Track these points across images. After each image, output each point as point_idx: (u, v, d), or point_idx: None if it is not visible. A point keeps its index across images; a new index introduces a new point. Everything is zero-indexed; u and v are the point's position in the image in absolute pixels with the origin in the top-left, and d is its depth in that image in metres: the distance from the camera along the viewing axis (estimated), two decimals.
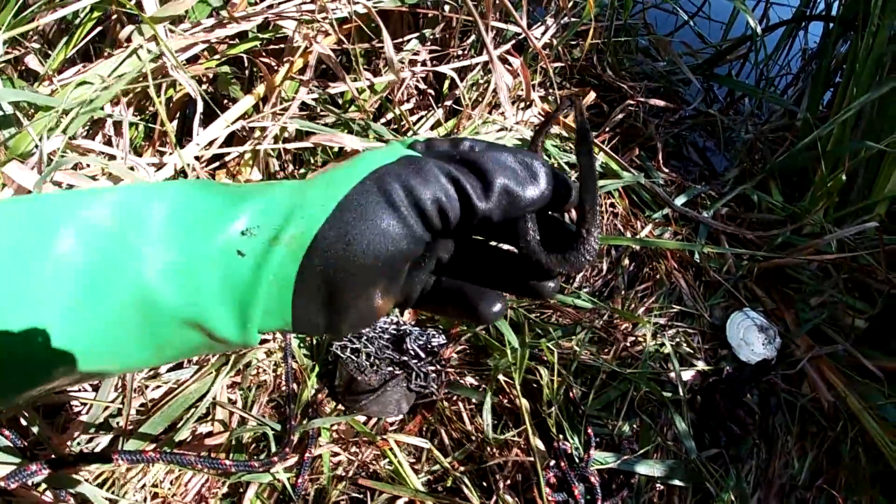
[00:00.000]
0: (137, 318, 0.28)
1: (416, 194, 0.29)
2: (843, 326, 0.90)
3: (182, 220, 0.28)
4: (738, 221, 0.97)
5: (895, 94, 1.00)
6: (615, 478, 0.74)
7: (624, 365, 0.79)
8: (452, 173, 0.30)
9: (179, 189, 0.30)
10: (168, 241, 0.28)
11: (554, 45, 0.96)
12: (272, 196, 0.30)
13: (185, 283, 0.28)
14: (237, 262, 0.28)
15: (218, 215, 0.29)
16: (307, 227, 0.28)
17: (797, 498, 0.79)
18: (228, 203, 0.29)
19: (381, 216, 0.29)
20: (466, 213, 0.30)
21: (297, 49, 0.76)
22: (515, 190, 0.30)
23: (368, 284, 0.30)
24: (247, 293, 0.29)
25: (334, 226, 0.29)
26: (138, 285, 0.27)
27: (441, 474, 0.71)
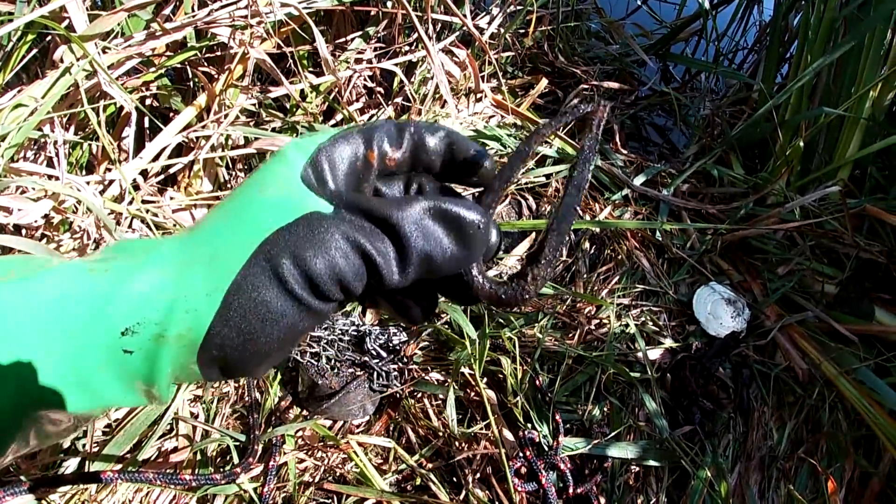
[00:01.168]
0: (31, 419, 0.26)
1: (313, 276, 0.26)
2: (812, 293, 0.89)
3: (57, 332, 0.25)
4: (699, 197, 0.96)
5: (850, 58, 1.00)
6: (588, 463, 0.73)
7: (590, 349, 0.78)
8: (360, 244, 0.26)
9: (50, 299, 0.26)
10: (52, 358, 0.25)
11: (501, 33, 0.96)
12: (149, 281, 0.26)
13: (81, 390, 0.26)
14: (127, 359, 0.26)
15: (94, 318, 0.26)
16: (194, 324, 0.26)
17: (778, 469, 0.77)
18: (97, 299, 0.26)
19: (276, 302, 0.26)
20: (377, 283, 0.27)
21: (234, 56, 0.75)
22: (437, 259, 0.27)
23: (272, 354, 0.28)
24: (147, 382, 0.27)
25: (225, 319, 0.26)
26: (40, 400, 0.25)
27: (409, 473, 0.70)
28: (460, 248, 0.27)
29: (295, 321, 0.26)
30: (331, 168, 0.29)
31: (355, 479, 0.68)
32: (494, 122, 0.95)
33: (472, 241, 0.27)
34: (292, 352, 0.26)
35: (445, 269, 0.27)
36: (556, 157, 0.93)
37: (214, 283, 0.25)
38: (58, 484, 0.63)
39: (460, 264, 0.27)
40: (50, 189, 0.69)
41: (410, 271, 0.27)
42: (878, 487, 0.76)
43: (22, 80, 0.78)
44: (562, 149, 0.94)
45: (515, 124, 0.96)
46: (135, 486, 0.68)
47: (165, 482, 0.63)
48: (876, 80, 0.95)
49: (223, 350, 0.26)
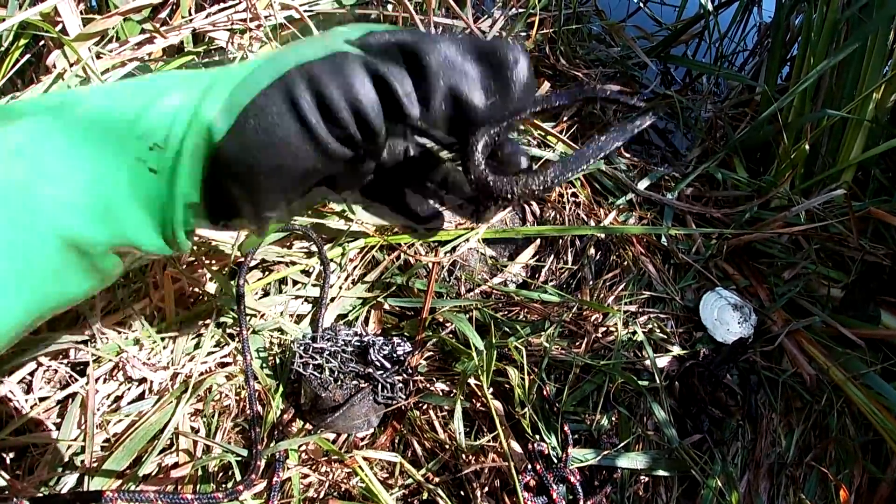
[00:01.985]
0: (75, 261, 0.26)
1: (328, 101, 0.24)
2: (818, 297, 0.88)
3: (90, 140, 0.25)
4: (703, 201, 0.95)
5: (853, 60, 0.99)
6: (597, 474, 0.72)
7: (597, 357, 0.77)
8: (380, 71, 0.24)
9: (92, 103, 0.26)
10: (79, 172, 0.25)
11: (503, 36, 0.94)
12: (171, 97, 0.26)
13: (105, 218, 0.26)
14: (150, 179, 0.26)
15: (122, 132, 0.25)
16: (205, 137, 0.25)
17: (787, 476, 0.77)
18: (132, 112, 0.26)
19: (287, 127, 0.24)
20: (397, 119, 0.25)
21: (233, 60, 0.74)
22: (467, 98, 0.24)
23: (279, 184, 0.27)
24: (166, 207, 0.26)
25: (235, 135, 0.25)
26: (60, 235, 0.25)
27: (416, 487, 0.68)
28: (495, 83, 0.25)
29: (299, 146, 0.25)
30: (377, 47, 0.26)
31: (361, 494, 0.67)
32: None
33: (511, 77, 0.25)
34: (298, 202, 0.29)
35: (478, 110, 0.24)
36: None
37: (233, 101, 0.25)
38: (55, 503, 0.61)
39: (499, 107, 0.25)
40: None
41: (437, 101, 0.24)
42: (887, 492, 0.76)
43: (16, 86, 0.76)
44: (565, 153, 0.93)
45: (518, 128, 0.94)
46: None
47: (166, 502, 0.61)
48: (879, 82, 0.95)
49: (229, 170, 0.25)
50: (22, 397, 0.71)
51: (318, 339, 0.73)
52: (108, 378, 0.75)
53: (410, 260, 0.80)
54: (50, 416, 0.72)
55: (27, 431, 0.70)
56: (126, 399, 0.73)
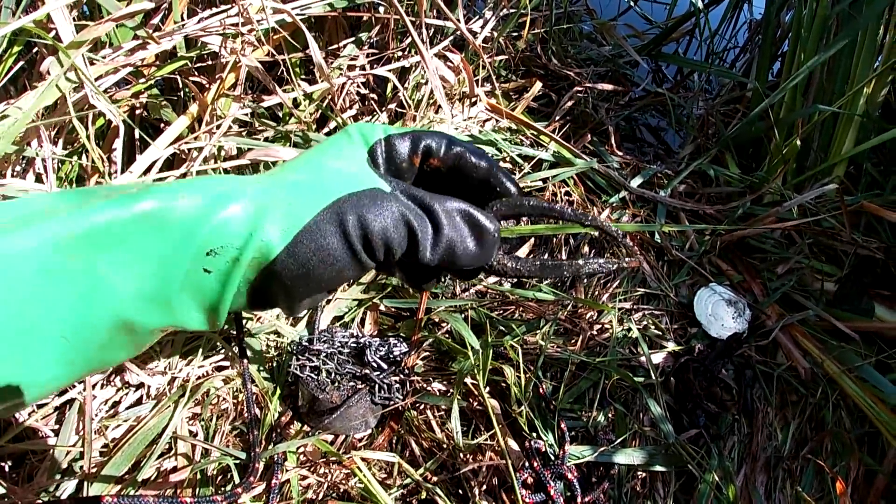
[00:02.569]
0: (122, 339, 0.30)
1: (368, 233, 0.32)
2: (812, 292, 0.89)
3: (153, 238, 0.29)
4: (696, 197, 0.96)
5: (843, 55, 1.00)
6: (594, 470, 0.72)
7: (592, 354, 0.77)
8: (409, 219, 0.32)
9: (157, 201, 0.30)
10: (140, 264, 0.29)
11: (495, 37, 0.95)
12: (234, 213, 0.31)
13: (160, 307, 0.30)
14: (205, 278, 0.31)
15: (188, 232, 0.30)
16: (266, 252, 0.31)
17: (784, 469, 0.77)
18: (199, 216, 0.30)
19: (336, 248, 0.32)
20: (411, 256, 0.33)
21: (225, 65, 0.74)
22: (458, 250, 0.34)
23: (318, 291, 0.34)
24: (215, 301, 0.32)
25: (292, 254, 0.31)
26: (117, 315, 0.29)
27: (414, 487, 0.69)
28: (477, 247, 0.35)
29: (344, 266, 0.32)
30: (385, 159, 0.36)
31: (360, 494, 0.67)
32: (489, 126, 0.94)
33: (487, 245, 0.35)
34: (326, 297, 0.39)
35: (463, 261, 0.35)
36: (553, 160, 0.92)
37: (290, 223, 0.31)
38: None
39: (474, 261, 0.35)
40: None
41: (439, 252, 0.33)
42: (883, 484, 0.76)
43: (10, 94, 0.76)
44: (558, 152, 0.93)
45: (510, 128, 0.95)
46: None
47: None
48: (870, 76, 0.95)
49: (282, 279, 0.32)
50: None
51: (314, 341, 0.73)
52: (105, 384, 0.75)
53: None
54: (48, 423, 0.72)
55: (25, 438, 0.71)
56: (124, 404, 0.74)
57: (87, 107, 0.71)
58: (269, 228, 0.31)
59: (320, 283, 0.33)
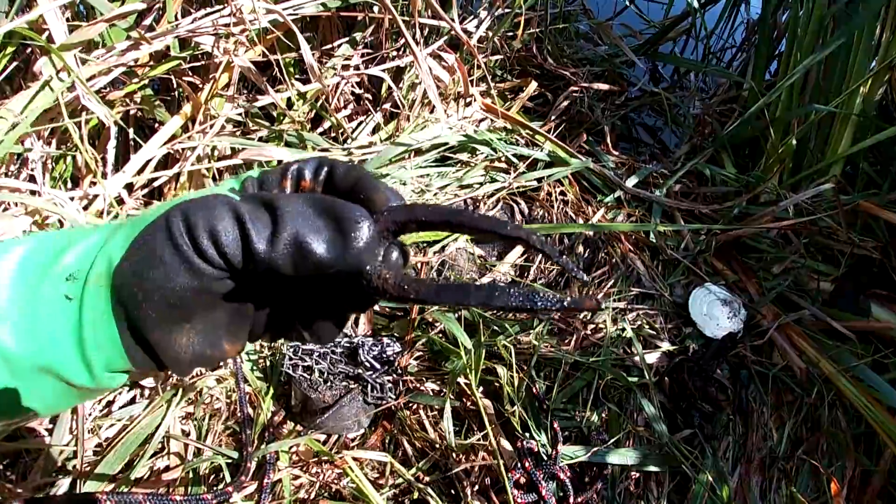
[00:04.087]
0: (4, 374, 0.29)
1: (193, 228, 0.29)
2: (808, 291, 0.88)
3: (22, 272, 0.30)
4: (692, 197, 0.95)
5: (839, 55, 0.99)
6: (588, 471, 0.72)
7: (586, 354, 0.77)
8: (239, 211, 0.29)
9: (26, 244, 0.31)
10: (11, 297, 0.29)
11: (490, 37, 0.95)
12: (91, 238, 0.31)
13: (30, 333, 0.29)
14: (68, 306, 0.29)
15: (48, 265, 0.30)
16: (107, 265, 0.30)
17: (779, 469, 0.77)
18: (58, 250, 0.30)
19: (163, 249, 0.29)
20: (247, 254, 0.29)
21: (219, 65, 0.74)
22: (308, 244, 0.29)
23: (170, 321, 0.31)
24: (79, 334, 0.30)
25: (128, 260, 0.29)
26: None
27: (406, 487, 0.69)
28: (336, 238, 0.29)
29: (174, 271, 0.29)
30: (257, 189, 0.33)
31: (351, 494, 0.67)
32: (484, 125, 0.94)
33: (351, 238, 0.29)
34: (189, 322, 0.31)
35: (318, 256, 0.29)
36: (548, 160, 0.92)
37: (128, 236, 0.30)
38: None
39: (335, 257, 0.29)
40: (31, 205, 0.68)
41: (280, 245, 0.29)
42: (879, 485, 0.76)
43: (5, 93, 0.76)
44: (553, 152, 0.93)
45: (505, 128, 0.95)
46: None
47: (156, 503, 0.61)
48: (866, 76, 0.95)
49: (122, 296, 0.29)
50: None
51: None
52: None
53: None
54: (42, 423, 0.72)
55: (20, 438, 0.71)
56: (118, 403, 0.74)
57: (81, 107, 0.71)
58: (112, 246, 0.30)
59: (158, 294, 0.29)
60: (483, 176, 0.90)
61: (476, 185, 0.89)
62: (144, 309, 0.30)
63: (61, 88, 0.66)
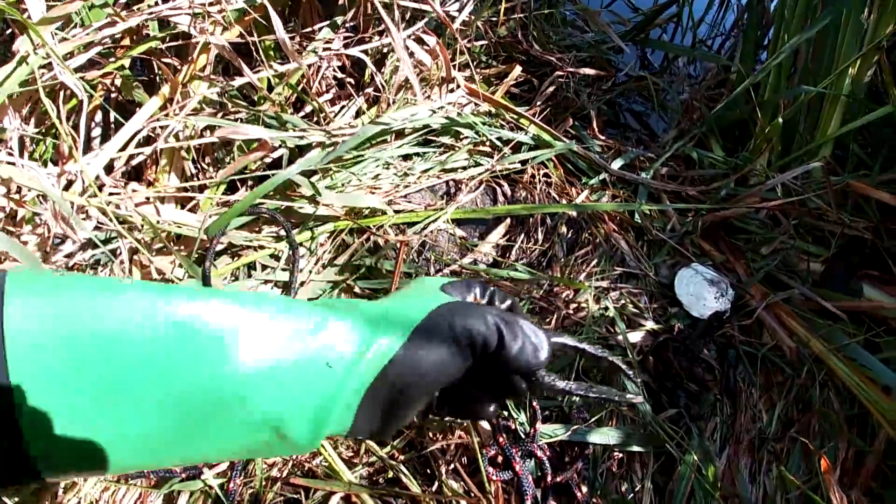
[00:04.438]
0: (219, 419, 0.32)
1: (472, 330, 0.37)
2: (798, 272, 0.87)
3: (277, 330, 0.33)
4: (679, 180, 0.94)
5: (827, 36, 0.98)
6: (568, 450, 0.70)
7: (568, 333, 0.75)
8: (496, 320, 0.39)
9: (279, 301, 0.35)
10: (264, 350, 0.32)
11: (472, 21, 0.94)
12: (358, 312, 0.37)
13: (272, 389, 0.33)
14: (325, 372, 0.34)
15: (309, 330, 0.34)
16: (389, 345, 0.35)
17: (769, 451, 0.74)
18: (319, 314, 0.35)
19: (446, 344, 0.37)
20: (498, 352, 0.39)
21: (196, 46, 0.74)
22: (526, 353, 0.40)
23: (421, 399, 0.38)
24: (326, 406, 0.34)
25: (409, 347, 0.36)
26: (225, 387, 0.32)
27: (382, 466, 0.67)
28: (541, 346, 0.41)
29: (450, 365, 0.37)
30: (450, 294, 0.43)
31: (324, 473, 0.66)
32: (469, 110, 0.93)
33: (545, 348, 0.42)
34: (418, 411, 0.42)
35: (532, 357, 0.40)
36: (532, 143, 0.92)
37: (407, 322, 0.37)
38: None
39: (537, 360, 0.41)
40: (4, 174, 0.67)
41: (514, 350, 0.39)
42: (874, 466, 0.73)
43: None
44: (537, 135, 0.92)
45: (490, 112, 0.94)
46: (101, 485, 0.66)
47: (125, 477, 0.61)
48: (855, 56, 0.94)
49: (396, 377, 0.35)
50: None
51: None
52: None
53: (380, 241, 0.80)
54: None
55: None
56: None
57: (59, 86, 0.71)
58: (392, 322, 0.36)
59: (426, 385, 0.37)
60: (467, 160, 0.89)
61: (459, 168, 0.88)
62: (409, 389, 0.36)
63: (37, 63, 0.66)
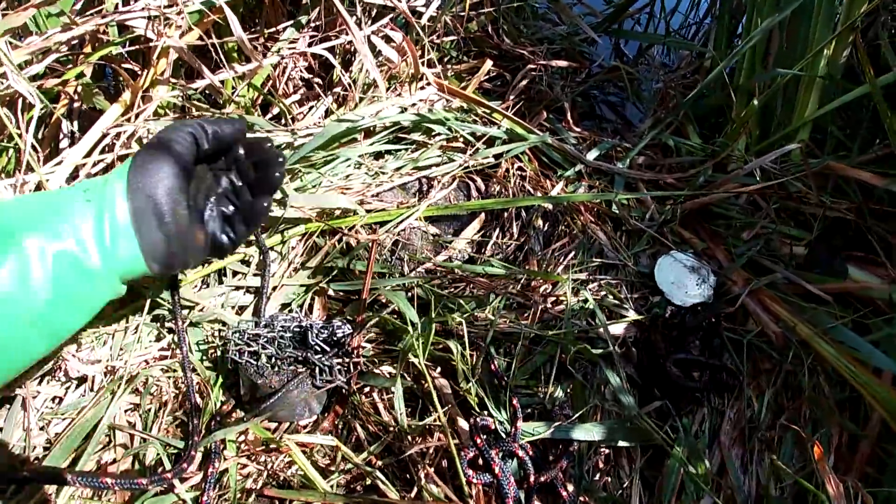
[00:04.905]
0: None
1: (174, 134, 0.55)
2: (780, 256, 0.85)
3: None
4: (656, 168, 0.93)
5: (801, 17, 0.97)
6: (552, 448, 0.68)
7: (546, 328, 0.73)
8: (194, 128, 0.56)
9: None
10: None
11: (439, 16, 0.93)
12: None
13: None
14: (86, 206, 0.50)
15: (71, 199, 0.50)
16: (120, 176, 0.51)
17: (760, 440, 0.72)
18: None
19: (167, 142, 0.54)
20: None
21: (155, 49, 0.73)
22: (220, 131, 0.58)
23: (175, 197, 0.54)
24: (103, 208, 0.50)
25: (134, 167, 0.52)
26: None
27: (359, 473, 0.65)
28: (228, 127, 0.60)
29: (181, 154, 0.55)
30: None
31: (300, 482, 0.64)
32: (440, 106, 0.92)
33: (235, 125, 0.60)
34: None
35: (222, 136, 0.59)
36: (506, 137, 0.90)
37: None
38: (19, 482, 0.60)
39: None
40: None
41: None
42: (868, 450, 0.71)
43: None
44: (511, 129, 0.91)
45: (461, 107, 0.93)
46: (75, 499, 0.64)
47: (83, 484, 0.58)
48: (829, 37, 0.93)
49: (137, 193, 0.51)
50: None
51: (255, 325, 0.70)
52: (49, 379, 0.72)
53: (352, 242, 0.78)
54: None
55: None
56: (67, 399, 0.71)
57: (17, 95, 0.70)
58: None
59: (168, 179, 0.54)
60: (439, 156, 0.87)
61: (433, 165, 0.86)
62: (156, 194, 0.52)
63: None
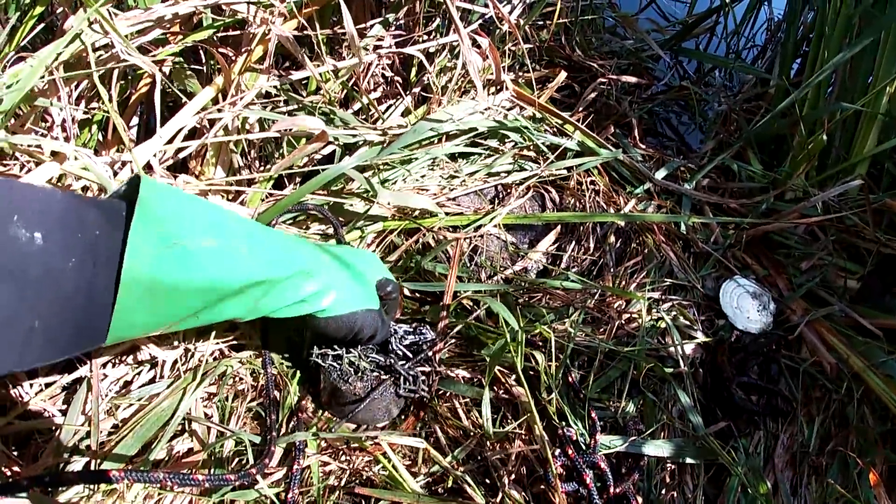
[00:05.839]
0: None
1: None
2: (835, 289, 0.88)
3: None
4: (720, 192, 0.95)
5: (866, 54, 1.00)
6: (623, 461, 0.70)
7: (621, 343, 0.75)
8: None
9: None
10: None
11: (521, 24, 0.93)
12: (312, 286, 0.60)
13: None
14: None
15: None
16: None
17: (809, 464, 0.76)
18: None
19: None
20: None
21: (254, 37, 0.72)
22: None
23: None
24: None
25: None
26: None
27: (440, 475, 0.66)
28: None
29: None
30: None
31: (384, 481, 0.65)
32: (513, 114, 0.92)
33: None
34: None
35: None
36: (578, 150, 0.91)
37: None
38: (59, 484, 0.58)
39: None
40: (56, 149, 0.64)
41: None
42: None
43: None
44: (583, 142, 0.92)
45: (534, 117, 0.93)
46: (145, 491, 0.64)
47: (177, 482, 0.58)
48: (893, 75, 0.95)
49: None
50: (26, 382, 0.68)
51: None
52: (117, 362, 0.71)
53: (431, 242, 0.78)
54: (56, 403, 0.69)
55: (31, 418, 0.67)
56: (136, 383, 0.70)
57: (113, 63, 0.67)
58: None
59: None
60: (511, 164, 0.88)
61: (504, 173, 0.87)
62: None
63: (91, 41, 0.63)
